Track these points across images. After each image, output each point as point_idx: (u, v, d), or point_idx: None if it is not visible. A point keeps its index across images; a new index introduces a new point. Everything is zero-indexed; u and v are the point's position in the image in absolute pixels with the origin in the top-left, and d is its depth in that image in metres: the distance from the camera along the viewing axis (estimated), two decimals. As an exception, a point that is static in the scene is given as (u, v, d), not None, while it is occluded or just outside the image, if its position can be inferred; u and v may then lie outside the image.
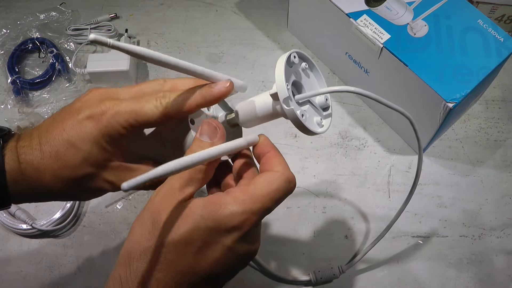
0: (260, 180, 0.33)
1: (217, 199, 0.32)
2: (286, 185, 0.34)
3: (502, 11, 0.66)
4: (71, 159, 0.35)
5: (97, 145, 0.35)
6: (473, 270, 0.57)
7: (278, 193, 0.33)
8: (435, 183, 0.62)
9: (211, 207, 0.31)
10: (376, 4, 0.58)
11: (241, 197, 0.32)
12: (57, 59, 0.68)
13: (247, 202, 0.32)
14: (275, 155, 0.36)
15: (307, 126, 0.35)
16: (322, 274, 0.55)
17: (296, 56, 0.37)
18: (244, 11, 0.76)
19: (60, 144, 0.35)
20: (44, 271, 0.57)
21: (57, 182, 0.36)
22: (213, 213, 0.31)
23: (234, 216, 0.31)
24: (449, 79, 0.53)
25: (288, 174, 0.34)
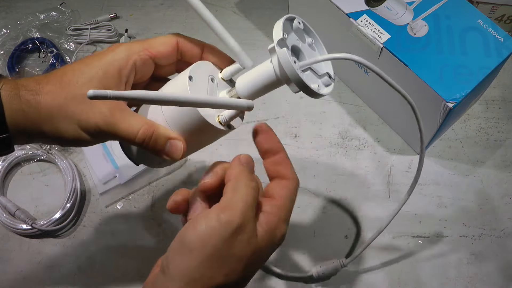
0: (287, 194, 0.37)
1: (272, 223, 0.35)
2: (297, 186, 0.38)
3: (502, 11, 0.66)
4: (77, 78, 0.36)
5: (110, 68, 0.36)
6: (473, 270, 0.57)
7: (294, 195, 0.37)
8: (435, 183, 0.62)
9: (272, 233, 0.35)
10: (376, 4, 0.58)
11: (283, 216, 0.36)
12: (57, 59, 0.68)
13: (286, 221, 0.36)
14: (285, 158, 0.38)
15: (301, 77, 0.34)
16: (324, 269, 0.55)
17: (301, 23, 0.36)
18: (244, 11, 0.76)
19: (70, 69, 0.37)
20: (44, 271, 0.57)
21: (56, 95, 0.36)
22: (274, 238, 0.35)
23: (282, 237, 0.35)
24: (449, 79, 0.53)
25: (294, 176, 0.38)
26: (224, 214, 0.32)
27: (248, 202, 0.33)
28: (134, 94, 0.28)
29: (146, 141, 0.36)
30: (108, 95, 0.26)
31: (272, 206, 0.36)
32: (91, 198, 0.61)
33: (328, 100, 0.68)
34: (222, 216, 0.32)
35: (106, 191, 0.60)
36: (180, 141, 0.37)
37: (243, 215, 0.32)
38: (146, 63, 0.38)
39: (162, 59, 0.39)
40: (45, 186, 0.62)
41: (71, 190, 0.59)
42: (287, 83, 0.36)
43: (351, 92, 0.68)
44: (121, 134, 0.36)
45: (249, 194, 0.34)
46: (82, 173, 0.62)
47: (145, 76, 0.40)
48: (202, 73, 0.38)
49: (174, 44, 0.39)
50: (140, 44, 0.38)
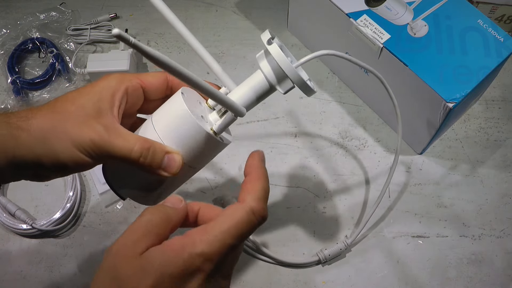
0: (221, 215, 0.32)
1: (174, 244, 0.31)
2: (250, 217, 0.32)
3: (502, 11, 0.66)
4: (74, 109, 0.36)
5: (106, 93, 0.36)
6: (473, 270, 0.57)
7: (241, 228, 0.32)
8: (435, 183, 0.62)
9: (169, 253, 0.30)
10: (376, 4, 0.58)
11: (199, 237, 0.31)
12: (57, 59, 0.68)
13: (204, 241, 0.30)
14: (249, 181, 0.35)
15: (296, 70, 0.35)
16: (329, 251, 0.56)
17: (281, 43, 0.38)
18: (244, 11, 0.76)
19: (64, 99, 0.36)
20: (44, 271, 0.57)
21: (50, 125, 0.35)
22: (173, 259, 0.30)
23: (194, 258, 0.30)
24: (449, 79, 0.53)
25: (253, 205, 0.32)
26: None
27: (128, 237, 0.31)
28: (151, 51, 0.27)
29: (143, 156, 0.35)
30: (131, 40, 0.26)
31: (192, 230, 0.32)
32: (91, 198, 0.61)
33: (328, 100, 0.68)
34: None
35: (106, 191, 0.60)
36: (178, 154, 0.36)
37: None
38: (137, 91, 0.38)
39: (152, 90, 0.39)
40: (45, 186, 0.62)
41: (71, 190, 0.59)
42: (278, 82, 0.37)
43: (351, 92, 0.68)
44: (116, 150, 0.34)
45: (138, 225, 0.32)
46: (82, 173, 0.62)
47: (135, 105, 0.39)
48: (191, 95, 0.39)
49: (164, 78, 0.40)
50: (132, 74, 0.39)
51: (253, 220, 0.32)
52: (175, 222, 0.33)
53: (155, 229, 0.32)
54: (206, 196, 0.61)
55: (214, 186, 0.61)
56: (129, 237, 0.31)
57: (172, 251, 0.30)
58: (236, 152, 0.63)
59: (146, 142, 0.35)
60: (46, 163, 0.35)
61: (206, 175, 0.62)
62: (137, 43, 0.26)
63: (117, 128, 0.35)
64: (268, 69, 0.37)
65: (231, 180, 0.62)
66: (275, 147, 0.64)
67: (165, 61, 0.28)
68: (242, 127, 0.66)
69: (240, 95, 0.38)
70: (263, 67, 0.37)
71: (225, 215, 0.32)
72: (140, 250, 0.30)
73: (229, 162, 0.63)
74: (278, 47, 0.35)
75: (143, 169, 0.36)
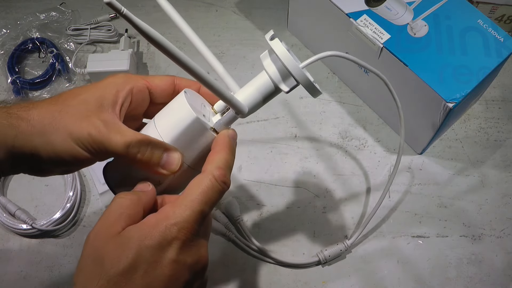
0: (189, 187, 0.34)
1: (150, 221, 0.33)
2: (212, 184, 0.34)
3: (502, 11, 0.66)
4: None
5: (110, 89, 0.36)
6: (473, 270, 0.57)
7: (206, 194, 0.34)
8: (435, 183, 0.62)
9: (146, 229, 0.32)
10: (376, 4, 0.58)
11: (171, 210, 0.33)
12: (57, 59, 0.68)
13: (177, 212, 0.32)
14: (214, 153, 0.36)
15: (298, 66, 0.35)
16: (329, 251, 0.56)
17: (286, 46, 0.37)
18: (244, 11, 0.76)
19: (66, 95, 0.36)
20: (44, 271, 0.57)
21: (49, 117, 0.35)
22: (150, 233, 0.32)
23: (169, 228, 0.32)
24: (449, 79, 0.53)
25: (214, 172, 0.34)
26: None
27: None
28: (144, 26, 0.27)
29: (141, 152, 0.35)
30: (122, 10, 0.26)
31: (165, 206, 0.34)
32: (91, 198, 0.61)
33: (328, 100, 0.68)
34: None
35: (106, 191, 0.60)
36: (177, 152, 0.36)
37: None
38: (142, 92, 0.38)
39: (158, 93, 0.39)
40: (45, 186, 0.62)
41: (71, 190, 0.59)
42: (283, 80, 0.36)
43: (351, 92, 0.68)
44: (113, 145, 0.34)
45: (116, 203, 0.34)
46: (82, 173, 0.62)
47: (140, 107, 0.39)
48: (196, 97, 0.39)
49: (171, 81, 0.40)
50: (139, 76, 0.39)
51: (216, 186, 0.34)
52: (145, 202, 0.35)
53: (127, 210, 0.33)
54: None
55: (214, 186, 0.61)
56: (105, 222, 0.33)
57: (148, 226, 0.32)
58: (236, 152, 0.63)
59: (145, 138, 0.35)
60: (44, 155, 0.34)
61: (206, 175, 0.62)
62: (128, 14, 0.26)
63: (116, 123, 0.35)
64: (272, 68, 0.36)
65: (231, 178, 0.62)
66: (275, 147, 0.64)
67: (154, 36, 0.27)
68: (242, 127, 0.66)
69: (244, 96, 0.37)
70: (267, 66, 0.36)
71: (191, 187, 0.34)
72: (117, 230, 0.32)
73: (229, 162, 0.63)
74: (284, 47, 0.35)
75: (141, 166, 0.36)
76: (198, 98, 0.39)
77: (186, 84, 0.40)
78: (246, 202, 0.61)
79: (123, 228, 0.32)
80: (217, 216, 0.58)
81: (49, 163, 0.35)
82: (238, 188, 0.61)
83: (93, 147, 0.34)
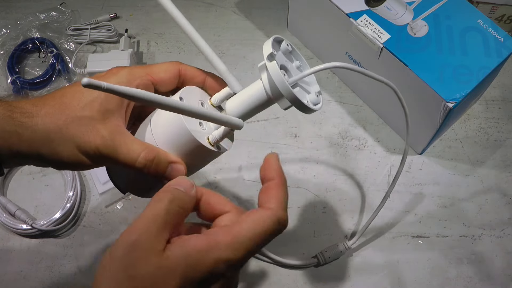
0: (248, 220, 0.31)
1: (198, 245, 0.29)
2: (275, 227, 0.31)
3: (502, 11, 0.66)
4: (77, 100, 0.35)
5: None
6: (473, 270, 0.57)
7: (265, 236, 0.31)
8: (435, 183, 0.62)
9: (193, 256, 0.29)
10: (376, 4, 0.58)
11: (225, 241, 0.30)
12: (57, 59, 0.68)
13: (230, 248, 0.30)
14: (274, 186, 0.34)
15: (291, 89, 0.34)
16: (328, 253, 0.56)
17: (289, 45, 0.37)
18: (244, 11, 0.76)
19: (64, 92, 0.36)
20: (44, 271, 0.57)
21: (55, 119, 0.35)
22: (197, 263, 0.29)
23: (219, 265, 0.29)
24: (449, 79, 0.53)
25: (279, 214, 0.32)
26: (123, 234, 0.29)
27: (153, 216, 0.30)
28: (129, 90, 0.26)
29: (147, 166, 0.35)
30: (102, 86, 0.25)
31: (216, 231, 0.31)
32: (91, 198, 0.61)
33: (328, 100, 0.68)
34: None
35: (106, 191, 0.60)
36: (181, 164, 0.36)
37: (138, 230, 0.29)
38: (147, 88, 0.37)
39: (162, 86, 0.39)
40: (45, 186, 0.62)
41: (71, 190, 0.59)
42: (276, 99, 0.36)
43: (351, 92, 0.68)
44: (121, 158, 0.34)
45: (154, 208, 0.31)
46: (82, 173, 0.62)
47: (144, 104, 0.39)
48: (192, 96, 0.38)
49: (176, 72, 0.39)
50: (142, 69, 0.38)
51: (278, 230, 0.32)
52: (189, 210, 0.32)
53: (174, 219, 0.30)
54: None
55: (214, 186, 0.61)
56: (149, 229, 0.29)
57: (196, 252, 0.29)
58: (236, 152, 0.63)
59: (151, 152, 0.35)
60: (48, 160, 0.35)
61: (206, 175, 0.62)
62: (110, 86, 0.25)
63: (123, 134, 0.35)
64: (266, 83, 0.36)
65: (231, 180, 0.62)
66: (275, 147, 0.64)
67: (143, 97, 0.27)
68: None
69: (238, 103, 0.37)
70: (263, 79, 0.36)
71: (253, 221, 0.31)
72: (161, 245, 0.29)
73: (229, 162, 0.63)
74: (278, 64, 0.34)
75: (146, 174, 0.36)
76: (196, 95, 0.39)
77: (191, 72, 0.39)
78: (246, 202, 0.61)
79: (166, 241, 0.30)
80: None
81: (53, 165, 0.36)
82: (238, 188, 0.61)
83: (99, 158, 0.35)
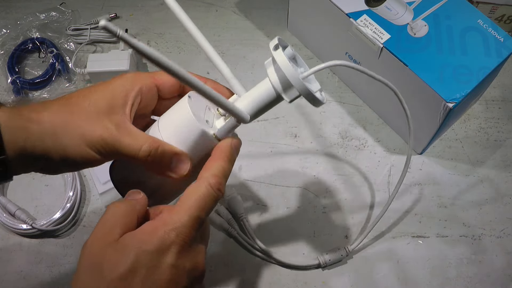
0: (185, 194, 0.34)
1: (147, 226, 0.33)
2: (208, 191, 0.34)
3: (502, 11, 0.66)
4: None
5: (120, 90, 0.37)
6: (473, 270, 0.57)
7: (203, 201, 0.34)
8: (435, 183, 0.62)
9: (143, 235, 0.32)
10: (376, 4, 0.58)
11: (168, 216, 0.33)
12: (57, 59, 0.68)
13: (174, 218, 0.33)
14: (211, 160, 0.36)
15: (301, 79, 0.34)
16: (330, 256, 0.56)
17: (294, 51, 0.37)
18: (244, 11, 0.76)
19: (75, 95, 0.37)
20: (44, 271, 0.57)
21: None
22: (148, 238, 0.32)
23: (168, 234, 0.32)
24: (449, 79, 0.53)
25: (210, 180, 0.35)
26: None
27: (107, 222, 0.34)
28: (141, 45, 0.26)
29: (151, 156, 0.35)
30: (117, 32, 0.25)
31: (161, 211, 0.35)
32: (91, 198, 0.61)
33: (328, 100, 0.68)
34: None
35: (106, 191, 0.60)
36: (187, 157, 0.37)
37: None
38: (151, 90, 0.38)
39: (166, 89, 0.39)
40: (45, 186, 0.62)
41: (71, 190, 0.59)
42: (285, 90, 0.36)
43: (351, 92, 0.68)
44: (125, 148, 0.35)
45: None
46: (82, 173, 0.62)
47: (149, 106, 0.40)
48: (200, 100, 0.38)
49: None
50: (147, 73, 0.39)
51: (211, 193, 0.35)
52: (139, 210, 0.35)
53: (122, 219, 0.33)
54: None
55: (214, 186, 0.61)
56: (101, 230, 0.33)
57: (145, 232, 0.33)
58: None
59: (155, 142, 0.36)
60: (55, 157, 0.35)
61: (206, 175, 0.62)
62: (125, 35, 0.25)
63: (128, 126, 0.36)
64: (275, 78, 0.36)
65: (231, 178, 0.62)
66: (275, 147, 0.64)
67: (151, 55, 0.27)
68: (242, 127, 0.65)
69: (246, 104, 0.37)
70: (270, 74, 0.36)
71: (187, 194, 0.34)
72: (114, 238, 0.32)
73: (229, 162, 0.63)
74: (287, 57, 0.34)
75: (151, 169, 0.36)
76: (203, 100, 0.39)
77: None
78: (246, 202, 0.61)
79: (120, 236, 0.32)
80: (220, 211, 0.58)
81: (60, 163, 0.36)
82: (238, 188, 0.61)
83: (105, 150, 0.35)
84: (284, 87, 0.36)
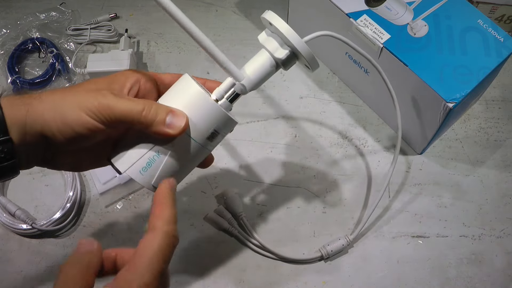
0: (141, 247, 0.33)
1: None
2: (165, 241, 0.33)
3: (502, 11, 0.66)
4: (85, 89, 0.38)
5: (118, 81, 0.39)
6: (473, 270, 0.57)
7: (161, 252, 0.33)
8: (435, 183, 0.62)
9: None
10: (376, 4, 0.58)
11: (130, 276, 0.32)
12: (57, 59, 0.68)
13: (137, 278, 0.31)
14: (159, 209, 0.35)
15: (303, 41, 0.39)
16: (332, 246, 0.56)
17: None
18: (244, 11, 0.76)
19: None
20: (44, 271, 0.57)
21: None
22: None
23: None
24: (449, 79, 0.53)
25: (164, 228, 0.34)
26: None
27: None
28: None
29: (146, 110, 0.36)
30: None
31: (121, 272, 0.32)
32: (91, 198, 0.61)
33: (328, 100, 0.68)
34: None
35: (106, 191, 0.60)
36: (182, 112, 0.37)
37: None
38: (150, 82, 0.41)
39: (165, 84, 0.42)
40: (45, 186, 0.62)
41: (71, 190, 0.59)
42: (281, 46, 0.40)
43: (351, 92, 0.68)
44: (120, 106, 0.36)
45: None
46: (82, 173, 0.62)
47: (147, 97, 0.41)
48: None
49: (178, 76, 0.41)
50: (148, 72, 0.42)
51: (169, 242, 0.34)
52: (94, 264, 0.33)
53: (80, 282, 0.31)
54: (207, 196, 0.61)
55: (214, 186, 0.61)
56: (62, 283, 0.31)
57: None
58: (236, 152, 0.63)
59: (150, 102, 0.37)
60: (54, 129, 0.35)
61: (206, 176, 0.62)
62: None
63: (124, 94, 0.38)
64: (270, 43, 0.40)
65: (231, 178, 0.62)
66: (275, 147, 0.64)
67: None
68: (242, 127, 0.66)
69: (244, 67, 0.41)
70: (264, 41, 0.40)
71: (145, 247, 0.33)
72: None
73: (229, 162, 0.63)
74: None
75: (146, 128, 0.37)
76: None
77: None
78: (246, 202, 0.61)
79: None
80: (220, 211, 0.58)
81: (61, 139, 0.36)
82: (240, 184, 0.61)
83: (101, 113, 0.36)
84: (280, 44, 0.40)
